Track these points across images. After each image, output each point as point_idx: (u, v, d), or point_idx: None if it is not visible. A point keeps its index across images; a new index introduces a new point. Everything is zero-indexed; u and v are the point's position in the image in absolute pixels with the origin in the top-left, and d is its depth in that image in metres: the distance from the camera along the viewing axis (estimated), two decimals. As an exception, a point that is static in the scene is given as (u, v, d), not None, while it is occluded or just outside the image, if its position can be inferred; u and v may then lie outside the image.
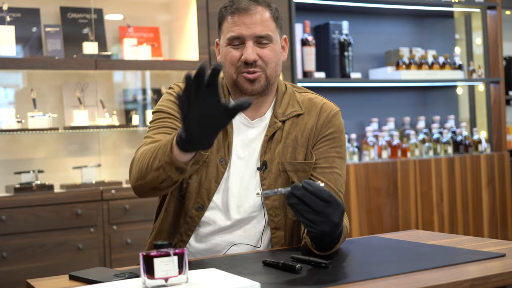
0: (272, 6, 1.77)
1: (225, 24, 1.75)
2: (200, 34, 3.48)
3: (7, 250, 3.00)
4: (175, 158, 1.48)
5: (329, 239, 1.49)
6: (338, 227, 1.46)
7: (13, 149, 3.37)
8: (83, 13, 3.51)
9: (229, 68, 1.74)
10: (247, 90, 1.73)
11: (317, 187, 1.39)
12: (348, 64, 3.96)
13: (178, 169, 1.50)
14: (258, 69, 1.72)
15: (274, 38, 1.74)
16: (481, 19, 4.60)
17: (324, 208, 1.40)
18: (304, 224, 1.44)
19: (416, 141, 4.09)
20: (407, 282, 1.27)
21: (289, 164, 1.74)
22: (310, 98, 1.83)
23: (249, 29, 1.70)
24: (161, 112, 1.77)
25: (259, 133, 1.78)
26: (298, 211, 1.40)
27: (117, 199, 3.23)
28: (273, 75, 1.76)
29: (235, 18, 1.72)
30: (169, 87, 1.85)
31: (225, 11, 1.75)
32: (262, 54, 1.72)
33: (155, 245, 1.24)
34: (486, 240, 1.70)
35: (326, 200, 1.40)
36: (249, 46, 1.70)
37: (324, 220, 1.41)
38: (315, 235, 1.46)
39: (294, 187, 1.39)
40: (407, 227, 3.87)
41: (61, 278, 1.46)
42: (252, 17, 1.70)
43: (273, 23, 1.74)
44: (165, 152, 1.49)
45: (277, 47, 1.75)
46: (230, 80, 1.75)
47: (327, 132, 1.78)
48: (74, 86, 3.49)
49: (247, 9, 1.71)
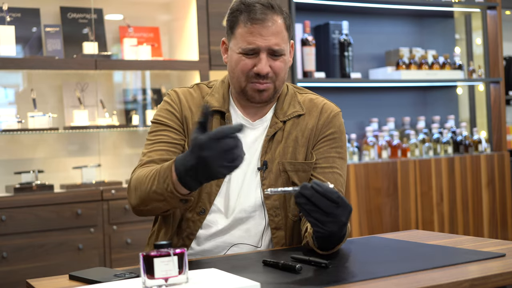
0: (284, 12, 1.74)
1: (239, 30, 1.70)
2: (200, 34, 3.48)
3: (7, 250, 3.00)
4: (178, 192, 1.50)
5: (335, 239, 1.49)
6: (345, 227, 1.47)
7: (13, 149, 3.37)
8: (83, 13, 3.51)
9: (239, 75, 1.72)
10: (255, 100, 1.73)
11: (326, 188, 1.39)
12: (348, 64, 3.96)
13: (182, 200, 1.53)
14: (269, 80, 1.71)
15: (286, 50, 1.73)
16: (481, 19, 4.60)
17: (333, 209, 1.40)
18: (312, 224, 1.44)
19: (416, 141, 4.09)
20: (407, 282, 1.27)
21: (289, 164, 1.75)
22: (311, 98, 1.83)
23: (265, 41, 1.68)
24: (158, 123, 1.77)
25: (260, 133, 1.78)
26: (306, 210, 1.41)
27: (117, 199, 3.23)
28: (281, 85, 1.76)
29: (251, 28, 1.68)
30: (166, 93, 1.84)
31: (239, 15, 1.70)
32: (274, 65, 1.70)
33: (155, 245, 1.25)
34: (486, 240, 1.70)
35: (335, 201, 1.40)
36: (263, 58, 1.69)
37: (332, 221, 1.42)
38: (323, 235, 1.47)
39: (303, 187, 1.39)
40: (407, 227, 3.87)
41: (61, 278, 1.46)
42: (268, 29, 1.68)
43: (286, 33, 1.72)
44: (168, 187, 1.51)
45: (287, 57, 1.75)
46: (238, 87, 1.74)
47: (328, 132, 1.78)
48: (74, 86, 3.49)
49: (263, 20, 1.67)
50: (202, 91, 1.81)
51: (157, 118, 1.78)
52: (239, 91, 1.75)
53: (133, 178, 1.66)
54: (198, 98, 1.79)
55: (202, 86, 1.83)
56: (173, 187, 1.49)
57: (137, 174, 1.66)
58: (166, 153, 1.71)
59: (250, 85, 1.71)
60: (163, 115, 1.77)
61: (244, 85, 1.72)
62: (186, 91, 1.81)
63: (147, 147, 1.75)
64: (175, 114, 1.76)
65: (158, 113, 1.79)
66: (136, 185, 1.63)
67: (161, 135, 1.74)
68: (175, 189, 1.49)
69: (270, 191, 1.44)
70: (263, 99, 1.73)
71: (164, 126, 1.76)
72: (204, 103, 1.77)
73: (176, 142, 1.74)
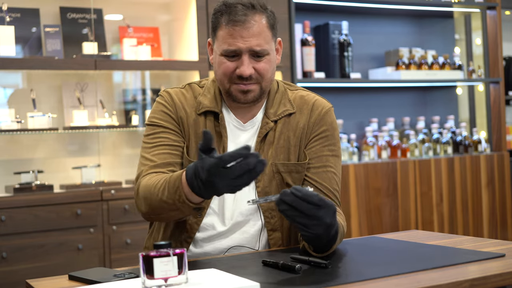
0: (268, 10, 1.70)
1: (220, 32, 1.68)
2: (199, 34, 3.48)
3: (7, 250, 3.00)
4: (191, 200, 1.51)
5: (325, 240, 1.48)
6: (332, 227, 1.45)
7: (13, 149, 3.37)
8: (83, 13, 3.51)
9: (221, 78, 1.70)
10: (240, 100, 1.71)
11: (305, 192, 1.38)
12: (347, 64, 3.96)
13: (195, 209, 1.54)
14: (253, 81, 1.69)
15: (270, 49, 1.69)
16: (481, 19, 4.60)
17: (315, 212, 1.39)
18: (298, 228, 1.44)
19: (415, 141, 4.09)
20: (407, 282, 1.27)
21: (282, 166, 1.73)
22: (302, 95, 1.81)
23: (246, 42, 1.65)
24: (155, 126, 1.75)
25: (251, 135, 1.76)
26: (289, 216, 1.40)
27: (116, 199, 3.23)
28: (268, 85, 1.73)
29: (231, 30, 1.65)
30: (158, 94, 1.82)
31: (220, 17, 1.68)
32: (257, 67, 1.67)
33: (155, 245, 1.24)
34: (486, 240, 1.70)
35: (316, 204, 1.39)
36: (245, 60, 1.66)
37: (316, 223, 1.41)
38: (309, 238, 1.47)
39: (283, 194, 1.39)
40: (406, 227, 3.87)
41: (61, 278, 1.46)
42: (249, 30, 1.64)
43: (269, 32, 1.69)
44: (180, 198, 1.51)
45: (273, 56, 1.71)
46: (223, 89, 1.73)
47: (320, 130, 1.76)
48: (74, 86, 3.48)
49: (244, 21, 1.64)
50: (194, 91, 1.79)
51: (153, 120, 1.76)
52: (224, 93, 1.73)
53: (141, 186, 1.65)
54: (190, 98, 1.78)
55: (194, 86, 1.81)
56: (185, 197, 1.50)
57: (145, 182, 1.65)
58: (169, 156, 1.70)
59: (234, 86, 1.69)
60: (159, 117, 1.76)
61: (228, 86, 1.70)
62: (178, 91, 1.79)
63: (147, 150, 1.73)
64: (171, 115, 1.75)
65: (153, 115, 1.77)
66: (145, 195, 1.62)
67: (160, 137, 1.73)
68: (187, 198, 1.50)
69: (253, 201, 1.44)
70: (248, 99, 1.70)
71: (161, 128, 1.74)
72: (197, 104, 1.76)
73: (177, 144, 1.73)
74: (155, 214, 1.63)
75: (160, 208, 1.59)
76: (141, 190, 1.64)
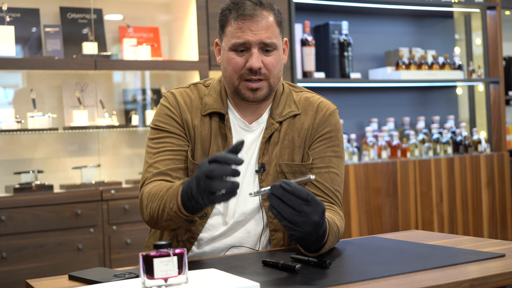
0: (275, 9, 1.74)
1: (229, 28, 1.70)
2: (199, 34, 3.48)
3: (7, 250, 3.00)
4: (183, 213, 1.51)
5: (313, 239, 1.48)
6: (320, 226, 1.45)
7: (13, 149, 3.37)
8: (83, 13, 3.51)
9: (231, 74, 1.71)
10: (249, 98, 1.71)
11: (294, 186, 1.40)
12: (347, 64, 3.96)
13: (187, 220, 1.54)
14: (262, 77, 1.69)
15: (278, 44, 1.71)
16: (481, 19, 4.60)
17: (303, 207, 1.40)
18: (286, 228, 1.44)
19: (415, 141, 4.09)
20: (407, 282, 1.27)
21: (286, 166, 1.74)
22: (307, 97, 1.82)
23: (255, 36, 1.67)
24: (159, 130, 1.75)
25: (257, 135, 1.76)
26: (278, 212, 1.41)
27: (116, 199, 3.23)
28: (276, 82, 1.74)
29: (240, 24, 1.67)
30: (163, 95, 1.81)
31: (229, 14, 1.71)
32: (266, 62, 1.69)
33: (155, 245, 1.25)
34: (486, 240, 1.70)
35: (305, 199, 1.40)
36: (255, 53, 1.67)
37: (305, 221, 1.41)
38: (297, 237, 1.46)
39: (273, 187, 1.40)
40: (406, 227, 3.87)
41: (61, 278, 1.46)
42: (258, 24, 1.67)
43: (277, 28, 1.72)
44: (172, 208, 1.52)
45: (280, 53, 1.73)
46: (232, 86, 1.73)
47: (324, 131, 1.77)
48: (74, 86, 3.48)
49: (252, 15, 1.67)
50: (199, 92, 1.79)
51: (157, 124, 1.75)
52: (233, 91, 1.73)
53: (144, 194, 1.66)
54: (195, 99, 1.77)
55: (199, 86, 1.81)
56: (178, 208, 1.51)
57: (148, 190, 1.65)
58: (172, 163, 1.70)
59: (243, 84, 1.70)
60: (163, 121, 1.75)
61: (237, 83, 1.70)
62: (183, 92, 1.79)
63: (151, 156, 1.73)
64: (175, 119, 1.74)
65: (157, 118, 1.76)
66: (147, 203, 1.64)
67: (164, 142, 1.73)
68: (179, 210, 1.51)
69: (254, 193, 1.45)
70: (257, 97, 1.71)
71: (165, 133, 1.73)
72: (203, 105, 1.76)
73: (181, 149, 1.72)
74: (154, 224, 1.64)
75: (158, 217, 1.60)
76: (144, 198, 1.66)
